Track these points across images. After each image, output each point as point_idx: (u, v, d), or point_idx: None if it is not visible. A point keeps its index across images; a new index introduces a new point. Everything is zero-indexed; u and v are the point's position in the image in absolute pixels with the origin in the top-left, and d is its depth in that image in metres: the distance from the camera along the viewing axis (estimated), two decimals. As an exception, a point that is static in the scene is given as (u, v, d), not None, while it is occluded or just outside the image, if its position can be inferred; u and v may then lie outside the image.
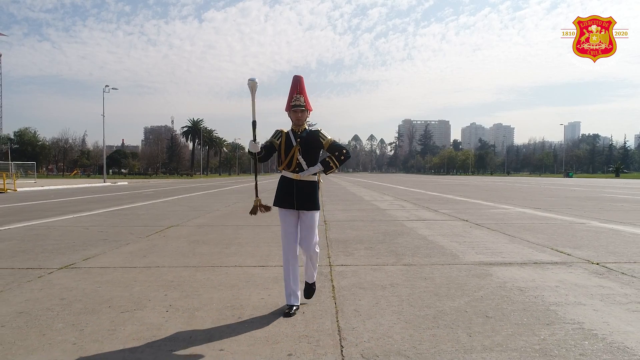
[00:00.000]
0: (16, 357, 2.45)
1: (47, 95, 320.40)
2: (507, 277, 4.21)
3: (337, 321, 3.01)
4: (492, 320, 3.02)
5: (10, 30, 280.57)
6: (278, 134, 3.36)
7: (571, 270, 4.49)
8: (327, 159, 3.29)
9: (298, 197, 3.23)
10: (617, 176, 66.52)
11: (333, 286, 3.92)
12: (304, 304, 3.39)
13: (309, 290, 3.43)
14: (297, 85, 3.30)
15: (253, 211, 3.50)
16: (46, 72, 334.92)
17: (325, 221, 8.91)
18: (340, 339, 2.70)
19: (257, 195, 3.50)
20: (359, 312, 3.19)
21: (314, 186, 3.29)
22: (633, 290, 3.76)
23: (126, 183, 38.73)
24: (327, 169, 3.29)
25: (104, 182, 38.05)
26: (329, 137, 3.29)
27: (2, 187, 22.83)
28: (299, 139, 3.26)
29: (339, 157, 3.27)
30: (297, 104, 3.24)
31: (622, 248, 5.79)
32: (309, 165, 3.25)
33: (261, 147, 3.27)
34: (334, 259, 5.10)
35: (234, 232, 7.42)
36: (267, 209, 3.44)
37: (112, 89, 40.09)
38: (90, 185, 32.85)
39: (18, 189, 23.74)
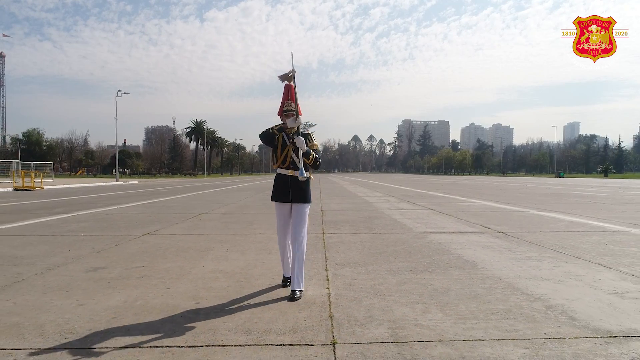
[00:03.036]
0: (160, 263, 4.80)
1: (48, 95, 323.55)
2: (436, 238, 6.56)
3: (325, 254, 5.37)
4: (411, 254, 5.37)
5: (11, 29, 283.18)
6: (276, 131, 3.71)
7: (480, 235, 6.84)
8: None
9: (293, 192, 3.67)
10: (606, 176, 68.87)
11: (324, 242, 6.28)
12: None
13: (292, 298, 3.50)
14: (288, 93, 3.71)
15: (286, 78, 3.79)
16: (47, 71, 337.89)
17: (322, 210, 11.25)
18: (325, 260, 5.05)
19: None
20: (338, 251, 5.55)
21: (306, 182, 3.72)
22: (506, 243, 6.11)
23: (137, 182, 41.10)
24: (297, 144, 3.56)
25: (117, 180, 40.44)
26: (315, 142, 3.74)
27: (30, 184, 25.23)
28: (291, 140, 3.66)
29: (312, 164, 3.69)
30: (288, 109, 3.63)
31: (531, 225, 8.14)
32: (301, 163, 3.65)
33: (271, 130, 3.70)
34: (326, 231, 7.45)
35: (253, 217, 9.78)
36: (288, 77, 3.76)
37: (124, 93, 42.53)
38: (105, 183, 35.21)
39: (44, 187, 26.07)
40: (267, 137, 3.69)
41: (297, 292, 3.57)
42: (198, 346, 2.57)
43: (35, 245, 6.05)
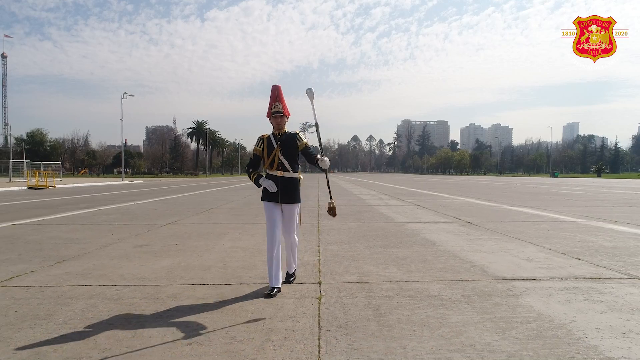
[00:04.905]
0: (189, 242, 6.16)
1: (48, 94, 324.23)
2: (412, 226, 7.92)
3: (318, 237, 6.73)
4: (387, 237, 6.73)
5: (11, 29, 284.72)
6: (260, 141, 3.82)
7: (450, 224, 8.20)
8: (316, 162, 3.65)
9: (282, 192, 3.76)
10: (599, 176, 70.24)
11: (318, 229, 7.64)
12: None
13: (289, 278, 3.97)
14: (276, 94, 3.73)
15: (332, 212, 3.97)
16: (47, 71, 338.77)
17: (318, 205, 12.61)
18: (318, 240, 6.41)
19: (331, 198, 3.96)
20: (329, 235, 6.91)
21: (295, 182, 3.80)
22: (467, 229, 7.47)
23: (142, 181, 42.48)
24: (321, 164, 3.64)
25: (122, 180, 41.83)
26: (304, 140, 3.75)
27: (44, 183, 26.61)
28: (279, 142, 3.72)
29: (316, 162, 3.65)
30: (276, 110, 3.69)
31: (497, 217, 9.49)
32: (290, 163, 3.73)
33: (250, 164, 3.89)
34: (321, 221, 8.81)
35: (257, 210, 11.14)
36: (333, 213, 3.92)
37: (130, 95, 43.94)
38: (112, 183, 36.59)
39: (56, 186, 27.43)
40: (257, 160, 3.86)
41: (292, 275, 3.99)
42: (230, 284, 3.94)
43: (82, 231, 7.41)
